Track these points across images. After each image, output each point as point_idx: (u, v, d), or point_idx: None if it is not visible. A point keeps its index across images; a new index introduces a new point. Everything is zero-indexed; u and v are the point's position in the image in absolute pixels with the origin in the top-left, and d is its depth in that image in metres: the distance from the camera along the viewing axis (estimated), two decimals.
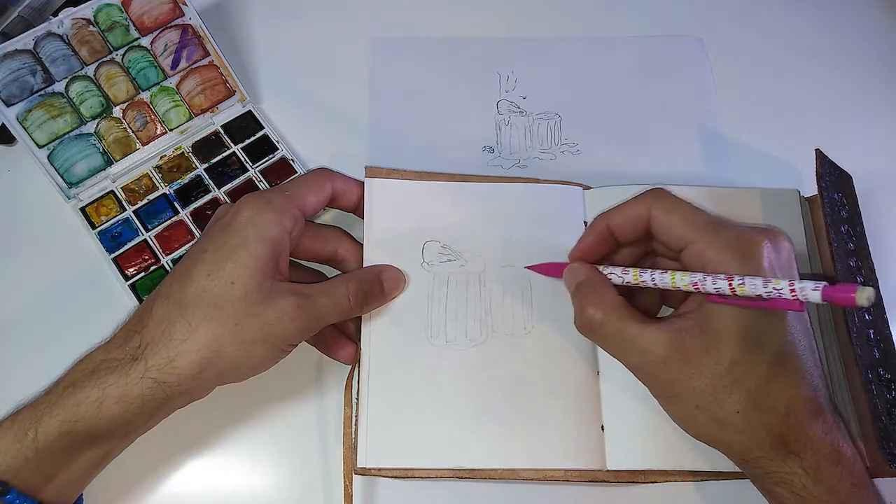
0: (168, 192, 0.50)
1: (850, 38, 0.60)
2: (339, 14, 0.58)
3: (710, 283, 0.36)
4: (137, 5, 0.51)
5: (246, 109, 0.53)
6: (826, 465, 0.35)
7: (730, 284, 0.35)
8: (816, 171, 0.44)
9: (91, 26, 0.50)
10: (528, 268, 0.45)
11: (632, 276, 0.39)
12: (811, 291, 0.33)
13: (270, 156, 0.52)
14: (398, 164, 0.48)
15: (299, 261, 0.46)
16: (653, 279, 0.38)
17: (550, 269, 0.44)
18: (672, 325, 0.37)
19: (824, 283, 0.33)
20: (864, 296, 0.31)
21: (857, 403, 0.43)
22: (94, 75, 0.50)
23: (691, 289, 0.37)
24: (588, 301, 0.39)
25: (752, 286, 0.35)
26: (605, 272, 0.41)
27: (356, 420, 0.42)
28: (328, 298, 0.40)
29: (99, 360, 0.36)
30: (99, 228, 0.49)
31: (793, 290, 0.34)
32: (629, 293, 0.42)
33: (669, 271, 0.38)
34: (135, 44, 0.51)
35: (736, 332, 0.36)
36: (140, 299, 0.47)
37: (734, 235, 0.37)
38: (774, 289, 0.34)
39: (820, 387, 0.36)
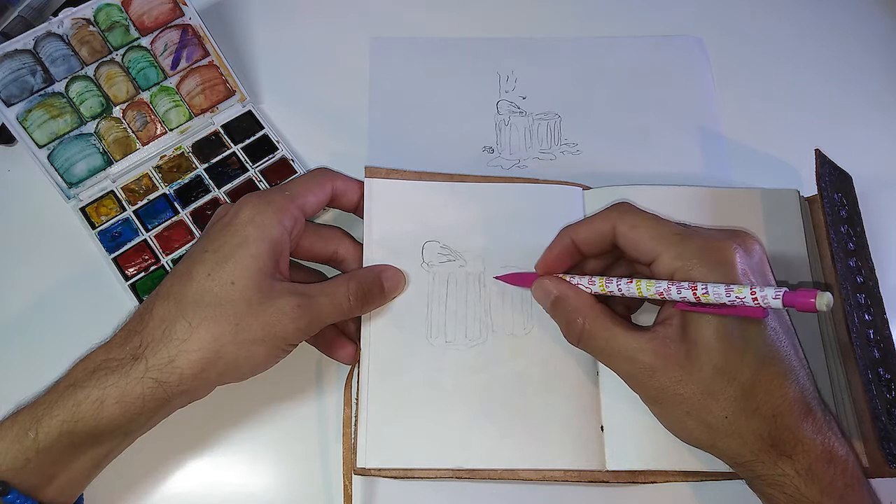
0: (168, 192, 0.50)
1: (850, 38, 0.60)
2: (339, 14, 0.58)
3: (674, 292, 0.36)
4: (137, 5, 0.51)
5: (246, 109, 0.53)
6: (818, 466, 0.35)
7: (694, 293, 0.35)
8: (816, 171, 0.44)
9: (91, 26, 0.50)
10: (497, 278, 0.45)
11: (598, 287, 0.40)
12: (772, 299, 0.34)
13: (270, 156, 0.52)
14: (398, 164, 0.48)
15: (299, 261, 0.46)
16: (619, 289, 0.39)
17: (519, 279, 0.44)
18: (656, 334, 0.38)
19: (785, 289, 0.34)
20: (822, 301, 0.32)
21: (857, 403, 0.43)
22: (94, 75, 0.50)
23: (657, 297, 0.37)
24: (574, 313, 0.39)
25: (716, 294, 0.35)
26: (572, 283, 0.41)
27: (356, 420, 0.42)
28: (328, 298, 0.40)
29: (99, 360, 0.36)
30: (99, 228, 0.49)
31: (755, 298, 0.34)
32: (605, 296, 0.42)
33: (635, 280, 0.38)
34: (135, 44, 0.51)
35: (716, 338, 0.36)
36: (140, 299, 0.47)
37: (702, 244, 0.37)
38: (737, 297, 0.34)
39: (807, 386, 0.37)
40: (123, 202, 0.50)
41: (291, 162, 0.51)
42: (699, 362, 0.36)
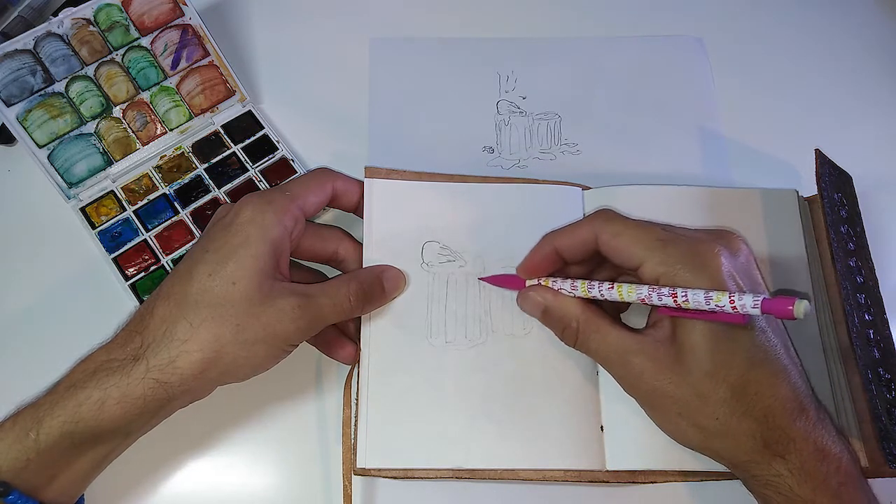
0: (168, 192, 0.50)
1: (850, 38, 0.60)
2: (339, 14, 0.58)
3: (656, 298, 0.36)
4: (137, 5, 0.51)
5: (246, 109, 0.53)
6: (810, 464, 0.35)
7: (674, 300, 0.35)
8: (816, 172, 0.44)
9: (91, 26, 0.50)
10: (482, 279, 0.45)
11: (581, 291, 0.40)
12: (751, 307, 0.34)
13: (270, 156, 0.52)
14: (398, 164, 0.48)
15: (299, 261, 0.46)
16: (601, 293, 0.39)
17: (504, 281, 0.44)
18: (647, 337, 0.38)
19: (763, 296, 0.34)
20: (800, 309, 0.32)
21: (857, 403, 0.43)
22: (94, 75, 0.50)
23: (639, 302, 0.37)
24: (566, 319, 0.40)
25: (696, 302, 0.35)
26: (554, 287, 0.41)
27: (356, 420, 0.42)
28: (329, 299, 0.40)
29: (100, 360, 0.36)
30: (99, 228, 0.49)
31: (733, 305, 0.34)
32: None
33: (616, 285, 0.38)
34: (135, 44, 0.51)
35: (704, 341, 0.36)
36: (140, 299, 0.47)
37: (685, 248, 0.37)
38: (717, 305, 0.34)
39: (799, 384, 0.37)
40: (123, 202, 0.50)
41: (291, 162, 0.51)
42: (688, 365, 0.36)
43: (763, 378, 0.36)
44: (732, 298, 0.34)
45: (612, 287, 0.38)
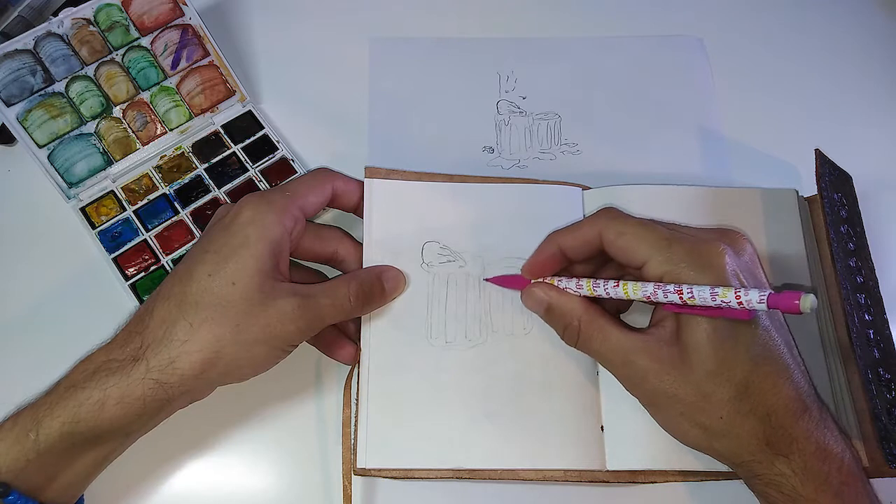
0: (168, 192, 0.50)
1: (850, 38, 0.60)
2: (338, 14, 0.58)
3: (661, 295, 0.36)
4: (137, 5, 0.51)
5: (246, 109, 0.53)
6: (813, 463, 0.35)
7: (680, 297, 0.35)
8: (816, 171, 0.45)
9: (91, 26, 0.50)
10: (487, 280, 0.45)
11: (586, 290, 0.40)
12: (756, 302, 0.34)
13: (270, 156, 0.52)
14: (398, 164, 0.48)
15: (299, 261, 0.46)
16: (606, 292, 0.39)
17: (509, 282, 0.44)
18: (650, 337, 0.38)
19: (769, 291, 0.34)
20: (806, 304, 0.32)
21: (857, 403, 0.43)
22: (94, 75, 0.50)
23: (644, 301, 0.37)
24: (569, 317, 0.40)
25: (701, 298, 0.35)
26: (560, 286, 0.41)
27: (356, 420, 0.42)
28: (329, 299, 0.40)
29: (100, 361, 0.36)
30: (99, 228, 0.49)
31: (739, 301, 0.34)
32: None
33: (622, 283, 0.38)
34: (135, 44, 0.51)
35: (708, 341, 0.36)
36: (140, 299, 0.47)
37: (690, 247, 0.37)
38: (722, 301, 0.34)
39: (802, 384, 0.37)
40: (123, 202, 0.50)
41: (291, 162, 0.51)
42: (692, 365, 0.36)
43: (766, 377, 0.36)
44: (738, 294, 0.34)
45: (618, 285, 0.38)
